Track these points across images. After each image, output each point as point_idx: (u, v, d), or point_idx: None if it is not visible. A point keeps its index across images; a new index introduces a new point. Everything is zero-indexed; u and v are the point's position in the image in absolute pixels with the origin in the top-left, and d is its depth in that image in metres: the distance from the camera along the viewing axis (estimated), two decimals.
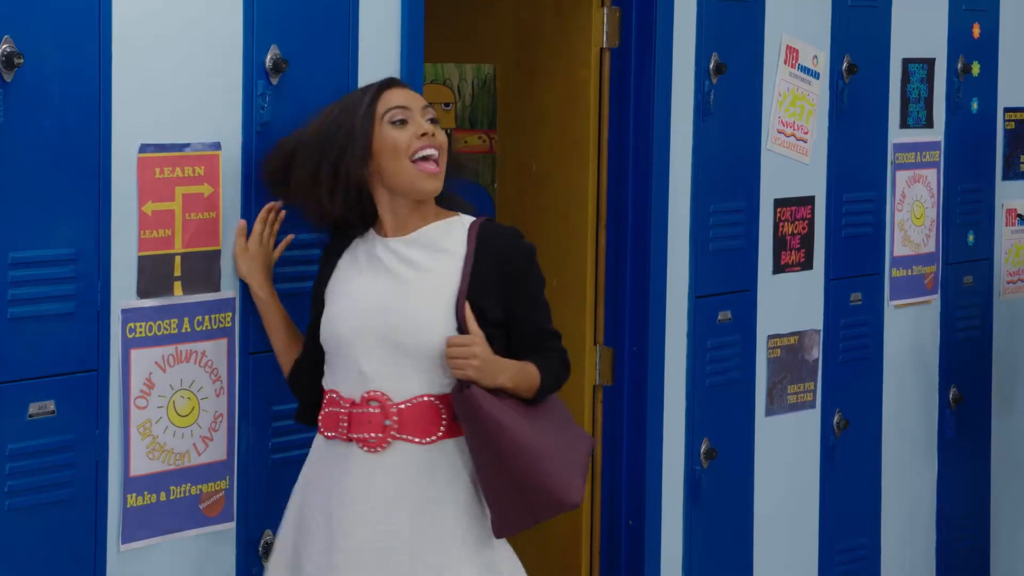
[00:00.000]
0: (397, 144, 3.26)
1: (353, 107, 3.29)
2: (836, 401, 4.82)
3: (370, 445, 3.22)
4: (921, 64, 5.05)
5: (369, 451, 3.22)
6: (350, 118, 3.27)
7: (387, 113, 3.28)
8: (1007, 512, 5.45)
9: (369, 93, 3.30)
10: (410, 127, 3.28)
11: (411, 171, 3.27)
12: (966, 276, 5.28)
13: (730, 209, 4.50)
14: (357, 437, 3.22)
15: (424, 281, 3.24)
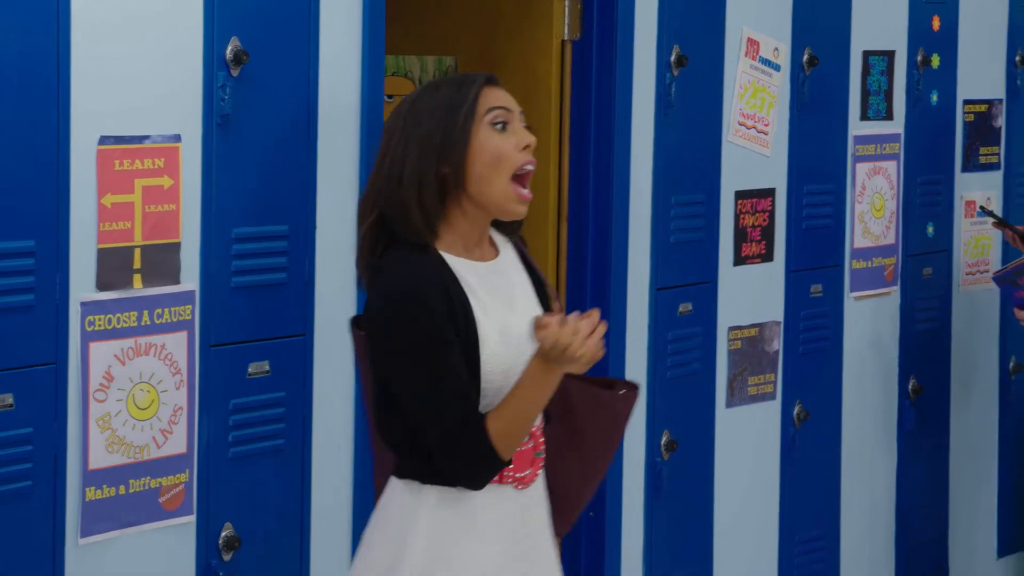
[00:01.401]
0: (500, 152, 2.98)
1: (450, 98, 2.98)
2: (796, 393, 4.84)
3: (524, 481, 3.06)
4: (881, 56, 5.07)
5: (521, 488, 3.06)
6: (449, 111, 2.97)
7: (489, 113, 2.99)
8: (965, 503, 5.48)
9: (471, 86, 3.00)
10: (511, 135, 3.00)
11: (509, 191, 2.99)
12: (925, 268, 5.30)
13: (691, 201, 4.51)
14: (516, 477, 3.05)
15: (527, 302, 3.10)
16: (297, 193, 3.60)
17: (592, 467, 3.17)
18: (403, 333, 2.94)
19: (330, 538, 3.70)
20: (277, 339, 3.58)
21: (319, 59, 3.61)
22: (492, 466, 2.98)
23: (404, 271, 2.97)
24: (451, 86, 3.02)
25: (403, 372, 2.96)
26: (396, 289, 2.95)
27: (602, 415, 3.12)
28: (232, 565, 3.47)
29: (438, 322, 2.93)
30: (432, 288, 2.94)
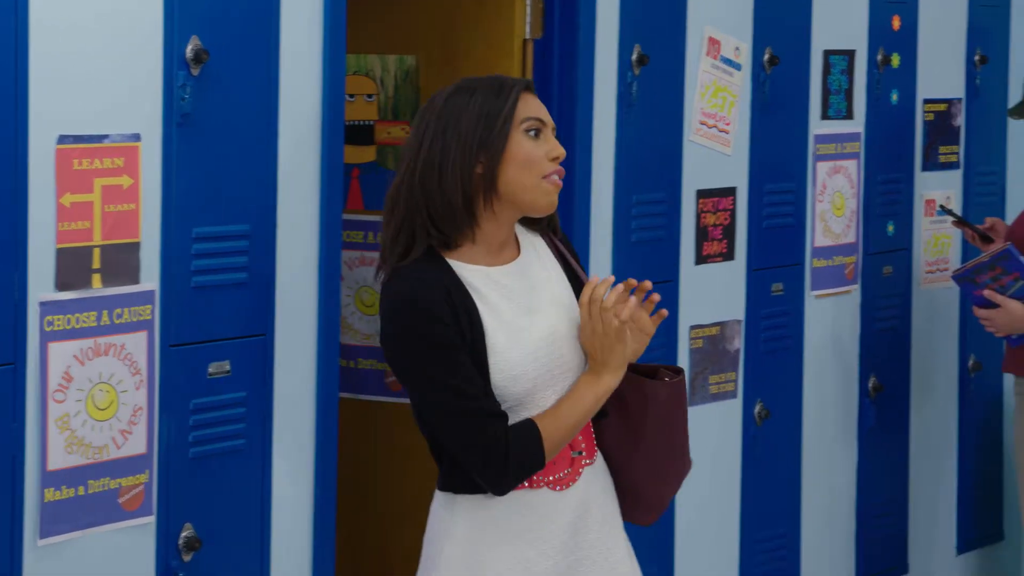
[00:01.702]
0: (532, 156, 3.07)
1: (489, 104, 3.06)
2: (757, 391, 4.85)
3: (562, 483, 3.10)
4: (842, 56, 5.09)
5: (559, 489, 3.10)
6: (488, 116, 3.05)
7: (525, 122, 3.09)
8: (925, 500, 5.51)
9: (510, 91, 3.08)
10: (543, 143, 3.10)
11: (541, 185, 3.08)
12: (886, 266, 5.32)
13: (652, 200, 4.52)
14: (549, 480, 3.08)
15: (554, 301, 3.13)
16: (258, 192, 3.59)
17: (658, 455, 3.17)
18: (409, 341, 3.02)
19: (291, 538, 3.69)
20: (238, 339, 3.57)
21: (280, 58, 3.60)
22: (530, 465, 3.02)
23: (405, 281, 3.04)
24: (489, 91, 3.10)
25: (418, 380, 3.04)
26: (397, 299, 3.04)
27: (651, 404, 3.15)
28: (192, 566, 3.46)
29: (441, 326, 3.00)
30: (432, 294, 3.01)
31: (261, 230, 3.59)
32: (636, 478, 3.18)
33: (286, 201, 3.64)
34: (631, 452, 3.17)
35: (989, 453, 5.77)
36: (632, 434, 3.16)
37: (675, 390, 3.16)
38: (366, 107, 4.51)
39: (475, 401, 3.01)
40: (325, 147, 3.71)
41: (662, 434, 3.16)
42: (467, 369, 3.01)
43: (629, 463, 3.18)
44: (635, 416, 3.15)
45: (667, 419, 3.16)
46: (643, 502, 3.21)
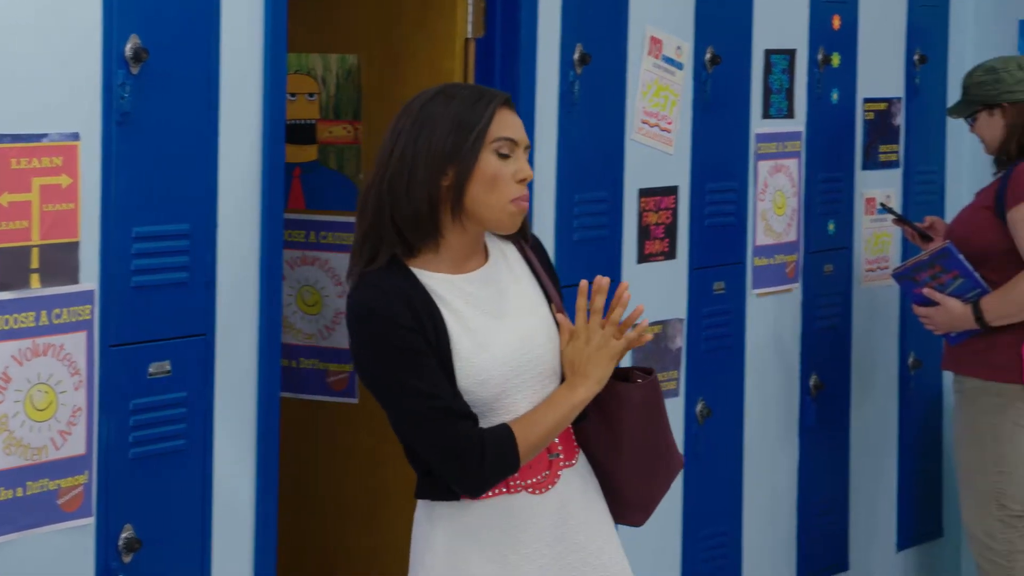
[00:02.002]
0: (498, 176, 3.05)
1: (465, 114, 3.05)
2: (699, 390, 4.86)
3: (540, 486, 3.09)
4: (783, 55, 5.11)
5: (539, 492, 3.09)
6: (461, 127, 3.04)
7: (496, 141, 3.06)
8: (866, 498, 5.54)
9: (487, 106, 3.06)
10: (511, 163, 3.07)
11: (506, 207, 3.07)
12: (826, 265, 5.35)
13: (594, 199, 4.52)
14: (527, 484, 3.08)
15: (529, 301, 3.14)
16: (198, 192, 3.58)
17: (641, 456, 3.17)
18: (375, 348, 3.01)
19: (232, 540, 3.68)
20: (178, 339, 3.55)
21: (220, 57, 3.58)
22: (504, 467, 3.02)
23: (372, 288, 3.04)
24: (465, 103, 3.07)
25: (387, 387, 3.03)
26: (360, 308, 3.04)
27: (627, 407, 3.15)
28: (132, 567, 3.45)
29: (404, 331, 3.00)
30: (395, 301, 3.01)
31: (202, 229, 3.58)
32: (621, 479, 3.19)
33: (227, 200, 3.63)
34: (614, 454, 3.17)
35: (929, 451, 5.81)
36: (613, 436, 3.17)
37: (648, 391, 3.17)
38: (308, 106, 4.50)
39: (445, 403, 3.00)
40: (266, 146, 3.70)
41: (642, 435, 3.17)
42: (434, 373, 3.01)
43: (613, 465, 3.18)
44: (613, 419, 3.16)
45: (645, 420, 3.17)
46: (630, 503, 3.22)
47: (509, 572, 3.07)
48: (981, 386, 4.90)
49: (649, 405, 3.17)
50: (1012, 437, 4.88)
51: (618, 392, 3.14)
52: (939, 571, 5.89)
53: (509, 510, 3.07)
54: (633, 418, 3.15)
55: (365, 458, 4.46)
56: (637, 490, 3.21)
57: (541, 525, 3.08)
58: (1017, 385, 4.86)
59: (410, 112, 3.10)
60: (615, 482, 3.19)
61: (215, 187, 3.61)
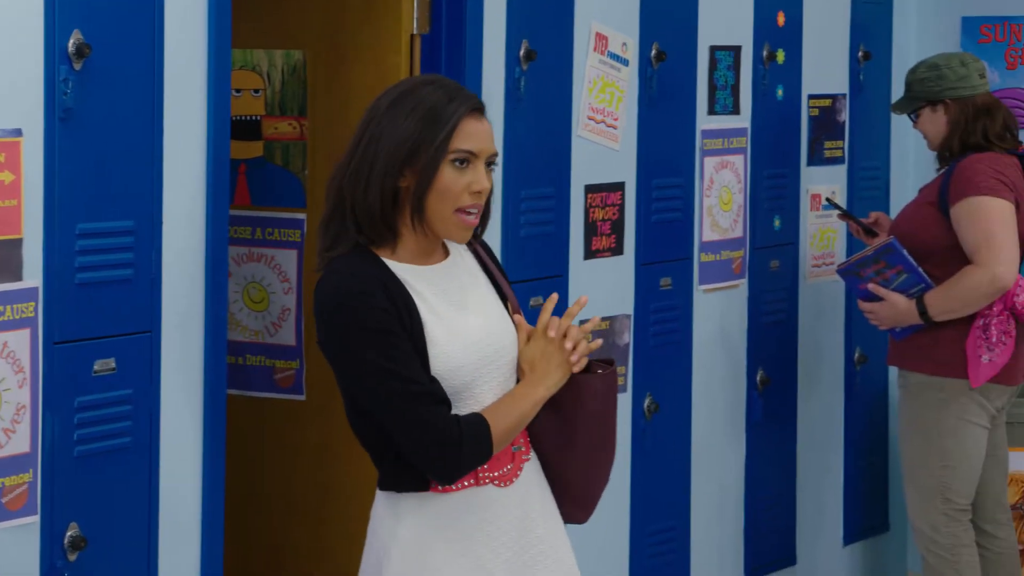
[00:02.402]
0: (449, 187, 3.03)
1: (430, 116, 3.02)
2: (647, 385, 4.87)
3: (505, 479, 3.09)
4: (728, 51, 5.12)
5: (503, 485, 3.09)
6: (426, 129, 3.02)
7: (454, 152, 3.04)
8: (812, 493, 5.56)
9: (455, 112, 3.03)
10: (468, 173, 3.05)
11: (451, 219, 3.05)
12: (773, 260, 5.37)
13: (541, 195, 4.53)
14: (493, 476, 3.08)
15: (482, 301, 3.13)
16: (142, 188, 3.56)
17: (591, 450, 3.17)
18: (349, 332, 2.98)
19: (178, 538, 3.66)
20: (123, 336, 3.53)
21: (164, 52, 3.57)
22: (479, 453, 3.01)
23: (343, 273, 3.02)
24: (432, 111, 3.04)
25: (361, 371, 3.00)
26: (336, 290, 3.01)
27: (587, 399, 3.14)
28: (78, 566, 3.43)
29: (381, 315, 2.98)
30: (373, 285, 3.00)
31: (146, 226, 3.56)
32: (569, 475, 3.19)
33: (171, 197, 3.61)
34: (565, 448, 3.17)
35: (875, 445, 5.84)
36: (565, 430, 3.16)
37: (609, 382, 3.18)
38: (253, 102, 4.48)
39: (423, 387, 2.99)
40: (211, 142, 3.68)
41: (595, 427, 3.18)
42: (411, 357, 2.99)
43: (563, 460, 3.18)
44: (568, 412, 3.16)
45: (600, 412, 3.18)
46: (577, 499, 3.21)
47: (476, 565, 3.06)
48: (925, 381, 4.93)
49: (607, 397, 3.18)
50: (956, 432, 4.91)
51: (578, 384, 3.15)
52: (885, 565, 5.92)
53: (477, 502, 3.07)
54: (590, 410, 3.16)
55: (312, 455, 4.45)
56: (585, 485, 3.21)
57: (506, 518, 3.09)
58: (961, 380, 4.88)
59: (378, 109, 3.07)
60: (564, 477, 3.19)
61: (160, 183, 3.59)
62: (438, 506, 3.06)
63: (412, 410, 2.98)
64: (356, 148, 3.07)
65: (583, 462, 3.18)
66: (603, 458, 3.21)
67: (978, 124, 4.93)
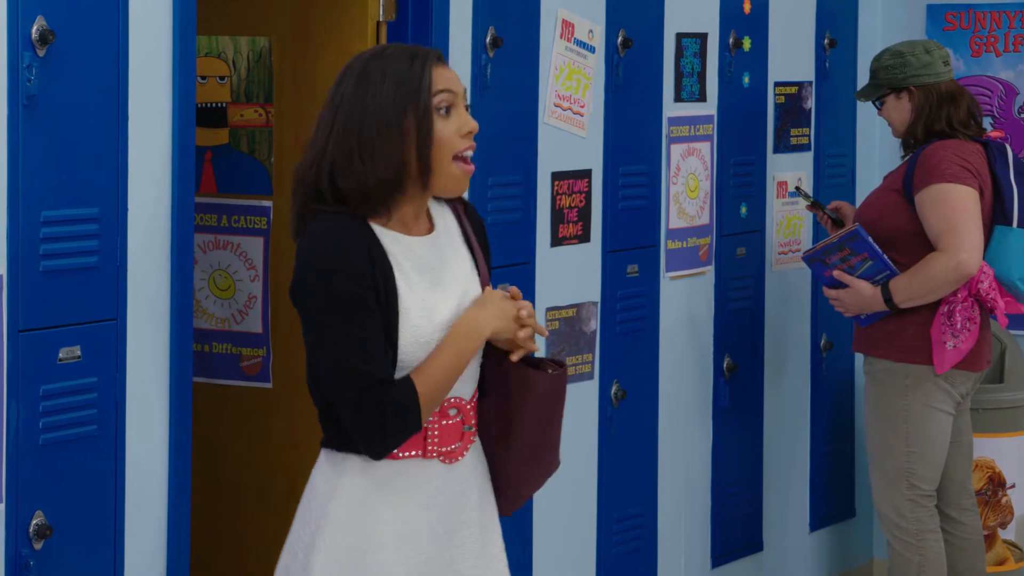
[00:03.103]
0: (443, 137, 3.00)
1: (407, 81, 2.98)
2: (614, 372, 4.88)
3: (452, 456, 3.07)
4: (694, 39, 5.13)
5: (449, 462, 3.07)
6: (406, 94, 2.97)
7: (436, 96, 2.99)
8: (779, 479, 5.58)
9: (423, 69, 2.99)
10: (454, 118, 3.02)
11: (451, 170, 3.02)
12: (739, 248, 5.38)
13: (508, 183, 4.52)
14: (442, 451, 3.06)
15: (459, 277, 3.11)
16: (107, 175, 3.55)
17: (530, 447, 3.16)
18: (323, 294, 2.96)
19: (145, 525, 3.65)
20: (88, 323, 3.52)
21: (129, 39, 3.55)
22: (405, 429, 2.99)
23: (327, 235, 2.98)
24: (401, 64, 3.01)
25: (321, 333, 2.97)
26: (317, 251, 2.97)
27: (532, 395, 3.13)
28: (43, 554, 3.42)
29: (357, 285, 2.96)
30: (354, 252, 2.97)
31: (111, 214, 3.55)
32: (502, 466, 3.17)
33: (137, 184, 3.60)
34: (505, 440, 3.16)
35: (841, 431, 5.86)
36: (508, 421, 3.15)
37: (556, 383, 3.16)
38: (218, 89, 4.47)
39: (365, 364, 2.96)
40: (176, 129, 3.67)
41: (538, 426, 3.16)
42: (369, 330, 2.97)
43: (498, 449, 3.17)
44: (515, 403, 3.15)
45: (545, 411, 3.16)
46: (505, 491, 3.20)
47: (412, 531, 3.05)
48: (891, 367, 4.94)
49: (552, 398, 3.16)
50: (921, 418, 4.92)
51: (527, 377, 3.14)
52: (851, 551, 5.94)
53: (421, 473, 3.06)
54: (534, 407, 3.14)
55: (279, 443, 4.44)
56: (513, 479, 3.19)
57: (445, 494, 3.08)
58: (926, 366, 4.90)
59: (346, 85, 3.03)
60: (495, 466, 3.17)
61: (125, 171, 3.58)
62: (383, 469, 3.04)
63: (346, 385, 2.97)
64: (331, 131, 3.01)
65: (520, 459, 3.16)
66: (543, 459, 3.20)
67: (942, 111, 4.94)
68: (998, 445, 5.52)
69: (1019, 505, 5.57)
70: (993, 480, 5.53)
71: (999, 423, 5.51)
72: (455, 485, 3.09)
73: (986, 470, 5.51)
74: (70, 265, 3.47)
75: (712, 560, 5.30)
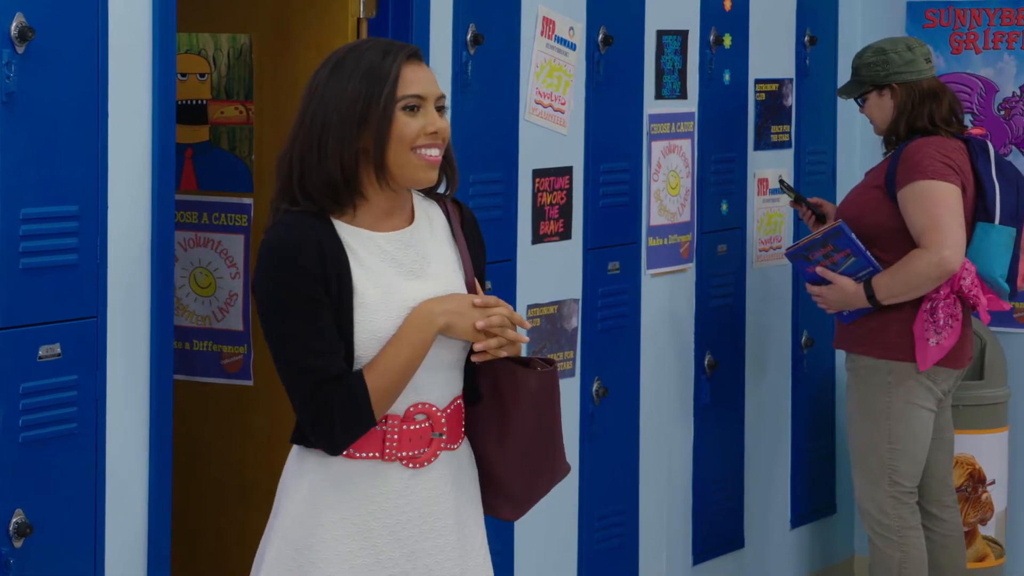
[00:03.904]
0: (404, 133, 3.03)
1: (374, 76, 3.02)
2: (595, 369, 4.88)
3: (417, 461, 3.06)
4: (675, 36, 5.13)
5: (414, 467, 3.06)
6: (370, 88, 3.02)
7: (403, 99, 3.04)
8: (760, 476, 5.59)
9: (392, 64, 3.03)
10: (420, 116, 3.05)
11: (412, 161, 3.04)
12: (720, 245, 5.38)
13: (489, 180, 4.52)
14: (403, 455, 3.05)
15: (442, 270, 3.11)
16: (87, 173, 3.54)
17: (527, 449, 3.15)
18: (272, 288, 3.00)
19: (125, 523, 3.64)
20: (68, 321, 3.51)
21: (108, 36, 3.54)
22: (360, 423, 3.00)
23: (280, 232, 3.02)
24: (373, 63, 3.04)
25: (273, 327, 3.02)
26: (270, 246, 3.02)
27: (522, 394, 3.13)
28: (23, 552, 3.40)
29: (306, 279, 2.99)
30: (304, 246, 3.00)
31: (91, 211, 3.54)
32: (502, 469, 3.16)
33: (117, 181, 3.59)
34: (499, 441, 3.15)
35: (822, 429, 5.86)
36: (502, 422, 3.15)
37: (546, 380, 3.15)
38: (199, 86, 4.46)
39: (316, 359, 2.98)
40: (156, 127, 3.66)
41: (532, 425, 3.15)
42: (318, 325, 2.99)
43: (496, 452, 3.16)
44: (508, 404, 3.14)
45: (537, 410, 3.15)
46: (506, 494, 3.19)
47: (363, 531, 3.04)
48: (873, 364, 4.95)
49: (544, 395, 3.15)
50: (903, 415, 4.93)
51: (516, 376, 3.13)
52: (832, 547, 5.95)
53: (378, 475, 3.05)
54: (526, 406, 3.14)
55: (260, 440, 4.43)
56: (516, 482, 3.18)
57: (409, 500, 3.06)
58: (908, 363, 4.91)
59: (320, 75, 3.08)
60: (495, 471, 3.17)
61: (105, 168, 3.57)
62: (338, 468, 3.04)
63: (298, 381, 2.99)
64: (302, 122, 3.06)
65: (517, 457, 3.15)
66: (543, 463, 3.18)
67: (924, 108, 4.95)
68: (978, 442, 5.53)
69: (999, 501, 5.58)
70: (973, 476, 5.54)
71: (979, 420, 5.52)
72: (423, 491, 3.08)
73: (966, 467, 5.52)
74: (50, 263, 3.46)
75: (694, 557, 5.30)
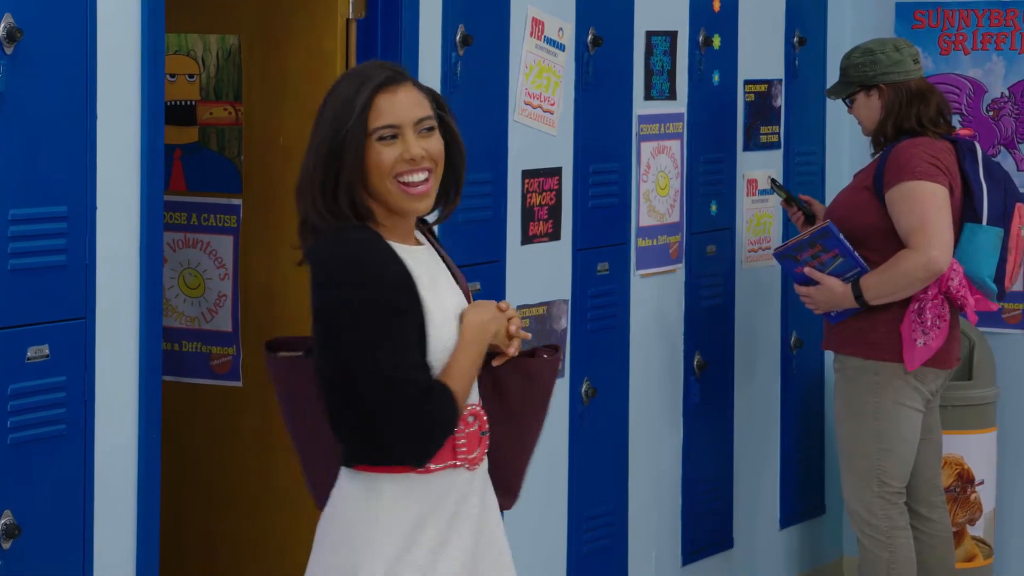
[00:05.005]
0: (381, 163, 3.00)
1: (346, 111, 3.00)
2: (584, 370, 4.88)
3: (474, 462, 3.07)
4: (664, 37, 5.13)
5: (471, 468, 3.07)
6: (342, 124, 2.99)
7: (376, 131, 3.00)
8: (749, 476, 5.59)
9: (360, 96, 3.01)
10: (398, 144, 3.02)
11: (396, 191, 3.01)
12: (709, 245, 5.39)
13: (478, 180, 4.52)
14: (468, 458, 3.05)
15: (452, 282, 3.12)
16: (76, 174, 3.53)
17: (524, 436, 3.18)
18: (359, 304, 2.93)
19: (114, 525, 3.64)
20: (57, 322, 3.51)
21: (97, 37, 3.54)
22: (451, 431, 3.01)
23: (349, 243, 2.98)
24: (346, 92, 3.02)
25: (352, 343, 2.93)
26: (344, 258, 2.96)
27: (528, 383, 3.14)
28: (12, 554, 3.40)
29: (398, 291, 2.96)
30: (389, 260, 2.98)
31: (79, 212, 3.53)
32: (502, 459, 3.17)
33: (106, 182, 3.59)
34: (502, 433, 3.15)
35: (811, 429, 5.87)
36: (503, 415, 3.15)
37: (554, 367, 3.18)
38: (188, 87, 4.46)
39: (412, 371, 2.95)
40: (145, 127, 3.66)
41: (533, 412, 3.18)
42: (409, 338, 2.96)
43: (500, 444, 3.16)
44: (510, 396, 3.14)
45: (541, 397, 3.18)
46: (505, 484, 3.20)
47: (453, 541, 3.04)
48: (861, 365, 4.95)
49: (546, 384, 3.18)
50: (891, 415, 4.94)
51: (526, 367, 3.15)
52: (821, 548, 5.95)
53: (453, 484, 3.05)
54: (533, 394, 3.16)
55: (249, 442, 4.43)
56: (515, 470, 3.20)
57: (472, 502, 3.08)
58: (896, 364, 4.91)
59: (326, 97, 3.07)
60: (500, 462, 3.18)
61: (93, 169, 3.56)
62: (422, 487, 3.01)
63: (392, 397, 2.93)
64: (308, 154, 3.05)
65: (517, 447, 3.18)
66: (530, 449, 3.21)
67: (912, 109, 4.96)
68: (967, 442, 5.54)
69: (987, 501, 5.59)
70: (962, 477, 5.55)
71: (967, 420, 5.53)
72: (478, 493, 3.09)
73: (955, 467, 5.53)
74: (38, 264, 3.46)
75: (683, 557, 5.31)
